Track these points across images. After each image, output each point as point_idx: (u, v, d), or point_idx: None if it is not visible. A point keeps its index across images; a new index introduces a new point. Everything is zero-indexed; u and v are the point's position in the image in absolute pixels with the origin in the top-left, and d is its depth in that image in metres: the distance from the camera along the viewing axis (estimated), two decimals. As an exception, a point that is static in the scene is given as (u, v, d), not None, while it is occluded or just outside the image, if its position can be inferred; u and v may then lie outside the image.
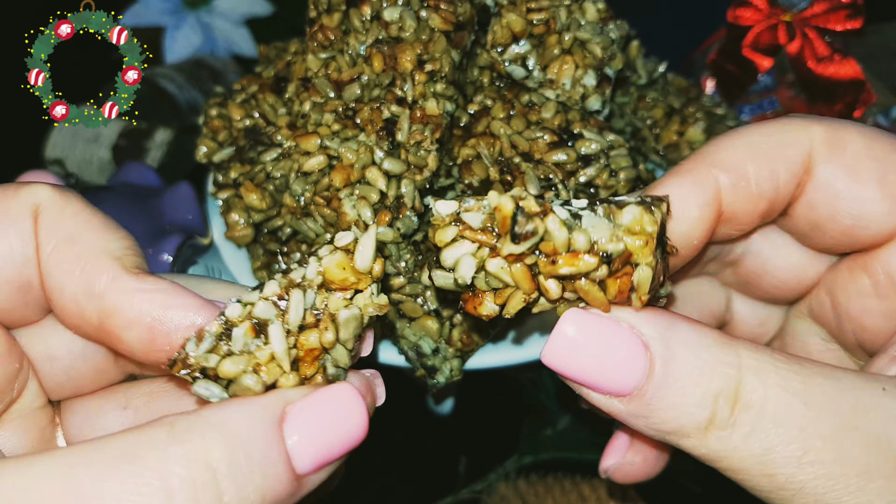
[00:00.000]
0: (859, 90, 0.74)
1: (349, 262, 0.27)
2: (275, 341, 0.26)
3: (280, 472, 0.23)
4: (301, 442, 0.24)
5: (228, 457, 0.22)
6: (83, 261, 0.27)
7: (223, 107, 0.61)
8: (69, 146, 0.78)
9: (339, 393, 0.26)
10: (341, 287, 0.27)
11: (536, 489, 0.65)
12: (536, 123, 0.57)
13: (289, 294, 0.27)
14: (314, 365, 0.27)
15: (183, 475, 0.21)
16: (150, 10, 0.93)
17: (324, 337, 0.27)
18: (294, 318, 0.27)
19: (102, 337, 0.28)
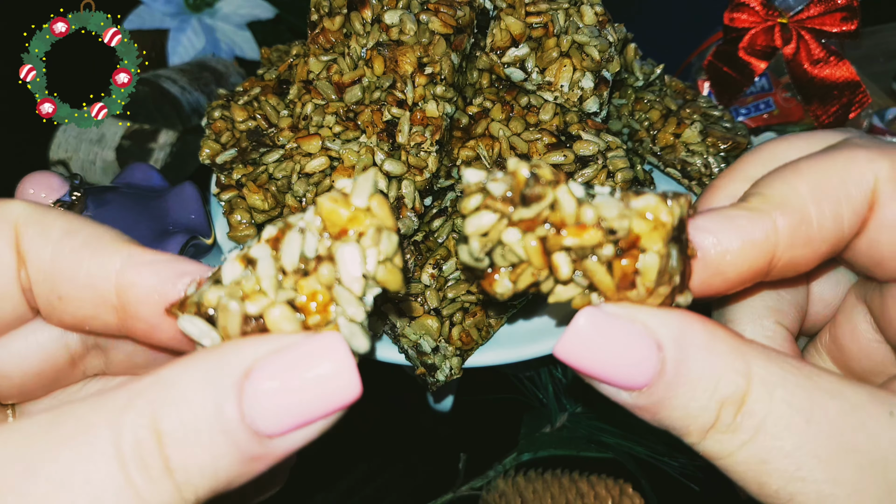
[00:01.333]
0: (855, 92, 0.75)
1: (345, 198, 0.25)
2: (260, 267, 0.24)
3: (235, 434, 0.21)
4: (265, 400, 0.22)
5: (176, 420, 0.21)
6: (90, 246, 0.27)
7: (226, 109, 0.62)
8: (74, 147, 0.78)
9: (318, 344, 0.23)
10: (341, 230, 0.25)
11: (535, 486, 0.66)
12: (535, 125, 0.58)
13: (284, 235, 0.25)
14: (322, 315, 0.25)
15: (132, 441, 0.20)
16: (153, 13, 0.94)
17: (320, 275, 0.24)
18: (288, 256, 0.25)
19: (119, 318, 0.27)
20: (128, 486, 0.20)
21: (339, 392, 0.23)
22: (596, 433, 0.68)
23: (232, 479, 0.22)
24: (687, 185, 0.66)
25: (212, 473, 0.22)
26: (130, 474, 0.20)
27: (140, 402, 0.21)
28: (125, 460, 0.20)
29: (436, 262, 0.55)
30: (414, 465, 0.72)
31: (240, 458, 0.22)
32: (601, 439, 0.68)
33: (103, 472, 0.20)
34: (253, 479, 0.23)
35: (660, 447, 0.66)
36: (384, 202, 0.26)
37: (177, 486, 0.21)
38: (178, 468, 0.21)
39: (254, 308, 0.24)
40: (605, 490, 0.65)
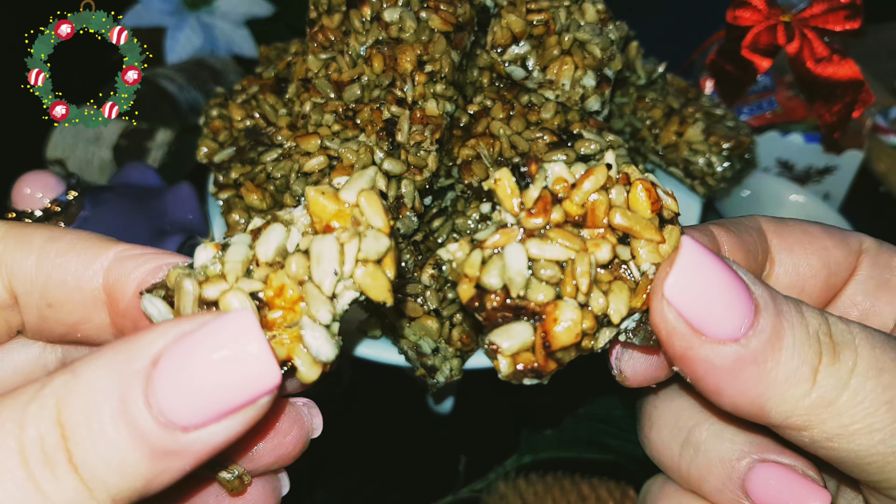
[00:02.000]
0: (858, 91, 0.74)
1: (333, 192, 0.24)
2: (229, 253, 0.23)
3: (141, 425, 0.20)
4: (173, 388, 0.20)
5: (80, 412, 0.19)
6: (75, 249, 0.26)
7: (224, 107, 0.61)
8: (70, 146, 0.78)
9: (229, 318, 0.21)
10: (326, 226, 0.23)
11: (536, 488, 0.65)
12: (536, 124, 0.57)
13: (268, 227, 0.24)
14: (287, 314, 0.23)
15: (34, 435, 0.19)
16: (150, 10, 0.93)
17: (288, 267, 0.23)
18: (264, 247, 0.23)
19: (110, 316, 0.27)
20: (30, 482, 0.19)
21: (251, 376, 0.21)
22: (598, 435, 0.67)
23: (149, 479, 0.20)
24: (690, 185, 0.66)
25: (120, 469, 0.20)
26: (33, 470, 0.19)
27: (46, 392, 0.20)
28: (27, 455, 0.19)
29: (436, 262, 0.55)
30: (414, 467, 0.71)
31: (150, 452, 0.20)
32: (603, 441, 0.67)
33: (2, 465, 0.19)
34: (177, 479, 0.21)
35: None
36: (375, 199, 0.24)
37: (84, 484, 0.19)
38: (83, 464, 0.19)
39: (211, 292, 0.23)
40: (606, 493, 0.64)
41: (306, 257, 0.23)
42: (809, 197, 0.76)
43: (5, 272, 0.26)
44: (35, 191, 0.61)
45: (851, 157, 0.81)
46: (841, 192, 0.85)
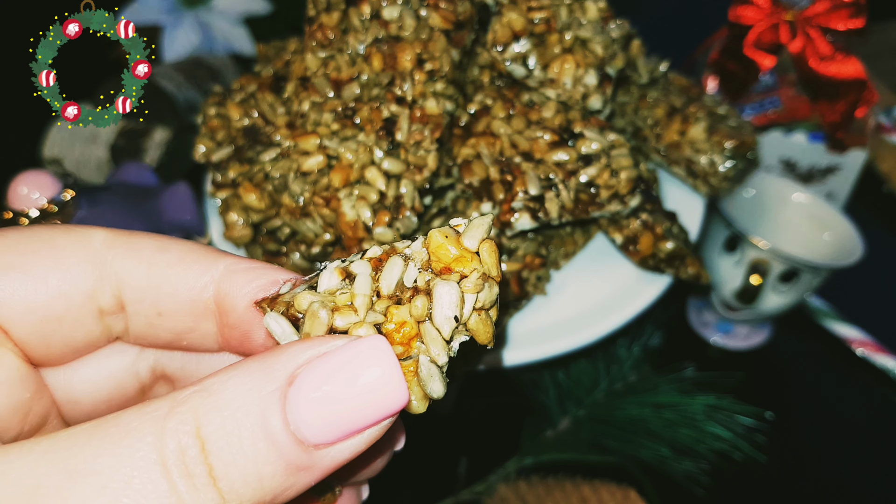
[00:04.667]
0: (862, 89, 0.74)
1: (456, 236, 0.25)
2: (358, 284, 0.24)
3: (279, 442, 0.21)
4: (310, 408, 0.21)
5: (220, 427, 0.21)
6: (185, 260, 0.27)
7: (222, 106, 0.60)
8: (67, 145, 0.77)
9: (363, 347, 0.22)
10: (445, 267, 0.25)
11: (537, 491, 0.65)
12: (537, 123, 0.56)
13: (388, 258, 0.25)
14: (404, 349, 0.24)
15: (175, 448, 0.20)
16: (148, 8, 0.93)
17: (413, 306, 0.24)
18: (387, 280, 0.25)
19: (218, 327, 0.28)
20: (171, 492, 0.20)
21: (385, 399, 0.22)
22: (599, 437, 0.67)
23: (279, 491, 0.21)
24: (692, 184, 0.65)
25: (256, 483, 0.21)
26: (174, 481, 0.20)
27: (184, 408, 0.21)
28: (168, 466, 0.20)
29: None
30: (414, 469, 0.71)
31: (285, 467, 0.21)
32: (604, 443, 0.67)
33: (145, 477, 0.20)
34: (302, 492, 0.22)
35: (664, 451, 0.65)
36: (494, 251, 0.25)
37: (222, 495, 0.20)
38: (222, 476, 0.20)
39: (341, 322, 0.24)
40: (608, 495, 0.64)
41: (428, 298, 0.24)
42: (813, 196, 0.75)
43: (115, 280, 0.27)
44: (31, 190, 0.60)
45: (855, 156, 0.81)
46: (844, 191, 0.84)
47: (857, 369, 0.76)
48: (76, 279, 0.26)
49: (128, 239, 0.27)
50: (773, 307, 0.71)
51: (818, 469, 0.69)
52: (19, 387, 0.27)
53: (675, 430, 0.66)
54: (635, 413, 0.67)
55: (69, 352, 0.28)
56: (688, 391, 0.68)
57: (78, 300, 0.26)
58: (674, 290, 0.62)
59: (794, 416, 0.72)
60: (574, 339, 0.57)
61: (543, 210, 0.54)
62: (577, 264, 0.63)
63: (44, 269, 0.26)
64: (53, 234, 0.27)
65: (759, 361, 0.77)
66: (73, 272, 0.26)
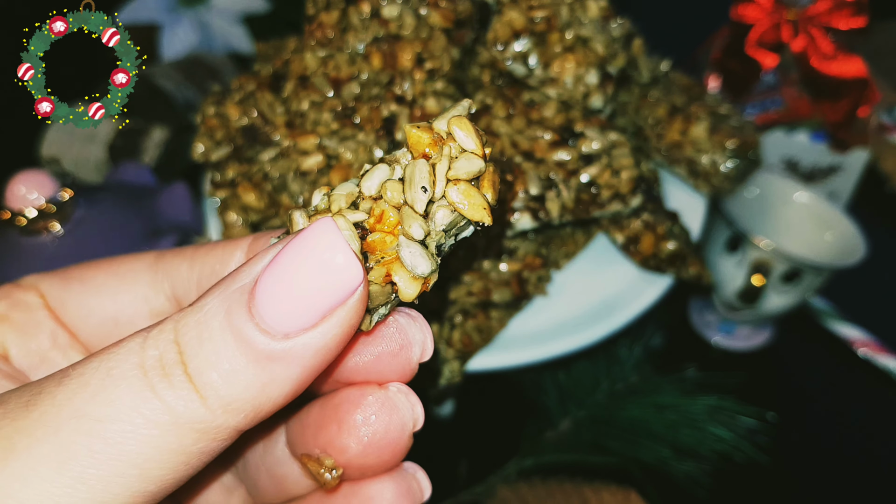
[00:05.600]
0: (864, 88, 0.73)
1: (428, 124, 0.26)
2: (338, 189, 0.26)
3: (245, 333, 0.22)
4: (270, 298, 0.22)
5: (192, 331, 0.22)
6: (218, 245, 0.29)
7: (220, 105, 0.60)
8: (65, 145, 0.77)
9: (311, 229, 0.23)
10: (423, 155, 0.25)
11: (538, 492, 0.64)
12: (538, 122, 0.56)
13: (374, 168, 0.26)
14: (388, 239, 0.24)
15: (154, 354, 0.22)
16: (146, 7, 0.92)
17: (385, 191, 0.25)
18: (369, 183, 0.25)
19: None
20: (149, 390, 0.22)
21: (338, 275, 0.23)
22: (600, 438, 0.67)
23: (258, 388, 0.22)
24: (694, 184, 0.65)
25: (232, 377, 0.22)
26: (153, 382, 0.22)
27: (166, 320, 0.23)
28: (146, 367, 0.22)
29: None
30: (413, 471, 0.71)
31: (255, 358, 0.22)
32: (606, 444, 0.66)
33: (121, 374, 0.22)
34: (293, 393, 0.23)
35: (666, 452, 0.65)
36: (467, 125, 0.25)
37: (198, 392, 0.22)
38: (196, 374, 0.22)
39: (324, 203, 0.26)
40: (609, 496, 0.63)
41: (402, 183, 0.25)
42: (815, 196, 0.75)
43: (168, 285, 0.30)
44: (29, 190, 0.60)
45: (857, 155, 0.80)
46: (847, 191, 0.84)
47: (859, 370, 0.76)
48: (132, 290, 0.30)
49: (177, 249, 0.31)
50: (775, 307, 0.70)
51: (820, 470, 0.69)
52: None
53: (676, 431, 0.65)
54: (636, 414, 0.66)
55: None
56: (689, 392, 0.68)
57: (142, 311, 0.30)
58: (675, 291, 0.62)
59: (797, 416, 0.72)
60: (575, 339, 0.57)
61: (544, 210, 0.54)
62: (578, 264, 0.63)
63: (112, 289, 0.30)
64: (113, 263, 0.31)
65: (761, 362, 0.76)
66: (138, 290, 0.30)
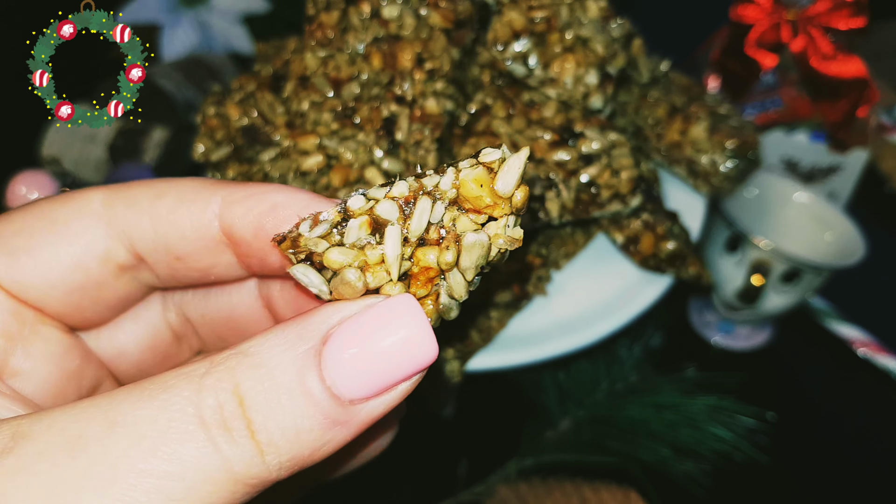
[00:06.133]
0: (863, 89, 0.73)
1: (490, 180, 0.24)
2: (389, 242, 0.24)
3: (316, 397, 0.22)
4: (344, 363, 0.22)
5: (258, 385, 0.22)
6: (184, 201, 0.27)
7: (220, 105, 0.60)
8: (66, 145, 0.77)
9: (394, 305, 0.23)
10: (474, 208, 0.25)
11: (537, 491, 0.65)
12: (537, 122, 0.56)
13: (416, 199, 0.24)
14: (427, 287, 0.25)
15: (213, 404, 0.21)
16: (147, 7, 0.92)
17: (443, 257, 0.24)
18: (416, 226, 0.24)
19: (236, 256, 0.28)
20: (209, 443, 0.21)
21: (416, 354, 0.23)
22: (600, 437, 0.67)
23: (316, 446, 0.22)
24: (693, 184, 0.65)
25: (295, 436, 0.22)
26: (212, 433, 0.21)
27: (221, 367, 0.22)
28: (205, 420, 0.21)
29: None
30: (414, 470, 0.71)
31: (323, 421, 0.22)
32: (605, 444, 0.66)
33: (182, 428, 0.21)
34: (337, 449, 0.23)
35: (665, 452, 0.65)
36: (526, 194, 0.25)
37: (260, 447, 0.21)
38: (261, 430, 0.21)
39: (373, 282, 0.24)
40: (609, 496, 0.63)
41: (456, 244, 0.25)
42: (814, 196, 0.75)
43: (125, 237, 0.28)
44: (30, 190, 0.60)
45: (857, 156, 0.81)
46: (846, 190, 0.84)
47: (858, 370, 0.76)
48: (85, 247, 0.27)
49: (126, 194, 0.27)
50: (774, 307, 0.70)
51: (819, 470, 0.69)
52: (67, 356, 0.28)
53: (676, 430, 0.65)
54: (636, 414, 0.67)
55: (106, 311, 0.29)
56: (689, 392, 0.68)
57: (93, 265, 0.27)
58: (675, 291, 0.62)
59: (796, 416, 0.72)
60: (575, 339, 0.57)
61: (544, 210, 0.54)
62: (578, 264, 0.63)
63: (52, 246, 0.27)
64: (52, 208, 0.27)
65: (761, 362, 0.76)
66: (80, 242, 0.27)
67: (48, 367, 0.28)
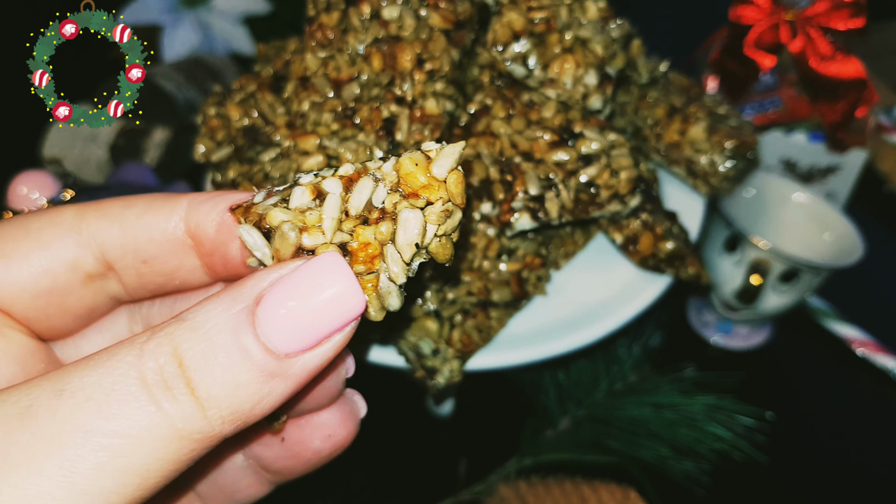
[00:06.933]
0: (862, 89, 0.74)
1: (426, 164, 0.26)
2: (327, 205, 0.26)
3: (251, 352, 0.23)
4: (277, 320, 0.24)
5: (196, 347, 0.23)
6: (152, 208, 0.29)
7: (221, 106, 0.60)
8: (67, 145, 0.77)
9: (321, 261, 0.25)
10: (413, 191, 0.26)
11: (537, 491, 0.65)
12: (537, 123, 0.56)
13: (360, 179, 0.26)
14: (367, 265, 0.26)
15: (154, 367, 0.23)
16: (148, 8, 0.93)
17: (378, 229, 0.26)
18: (356, 201, 0.26)
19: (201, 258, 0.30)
20: (152, 403, 0.22)
21: (344, 306, 0.25)
22: (599, 437, 0.67)
23: (256, 399, 0.24)
24: (693, 184, 0.65)
25: (233, 391, 0.23)
26: (153, 392, 0.22)
27: (161, 333, 0.23)
28: (147, 381, 0.22)
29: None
30: (414, 470, 0.71)
31: (259, 375, 0.24)
32: (604, 443, 0.67)
33: (126, 390, 0.22)
34: (280, 403, 0.25)
35: (665, 451, 0.65)
36: (461, 180, 0.27)
37: (200, 403, 0.23)
38: (200, 387, 0.23)
39: (309, 242, 0.26)
40: (608, 495, 0.64)
41: (393, 222, 0.26)
42: (813, 196, 0.75)
43: (96, 246, 0.29)
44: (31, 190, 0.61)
45: (855, 156, 0.81)
46: (845, 191, 0.84)
47: (857, 369, 0.76)
48: (56, 254, 0.29)
49: (97, 205, 0.30)
50: (773, 307, 0.71)
51: (818, 469, 0.69)
52: (32, 360, 0.29)
53: (675, 430, 0.66)
54: (635, 413, 0.67)
55: (72, 321, 0.31)
56: (688, 391, 0.68)
57: (61, 271, 0.29)
58: (674, 290, 0.62)
59: (795, 416, 0.72)
60: (574, 339, 0.57)
61: (543, 210, 0.54)
62: (577, 264, 0.63)
63: (25, 251, 0.28)
64: (28, 219, 0.29)
65: (760, 361, 0.77)
66: (52, 248, 0.29)
67: (12, 367, 0.29)
